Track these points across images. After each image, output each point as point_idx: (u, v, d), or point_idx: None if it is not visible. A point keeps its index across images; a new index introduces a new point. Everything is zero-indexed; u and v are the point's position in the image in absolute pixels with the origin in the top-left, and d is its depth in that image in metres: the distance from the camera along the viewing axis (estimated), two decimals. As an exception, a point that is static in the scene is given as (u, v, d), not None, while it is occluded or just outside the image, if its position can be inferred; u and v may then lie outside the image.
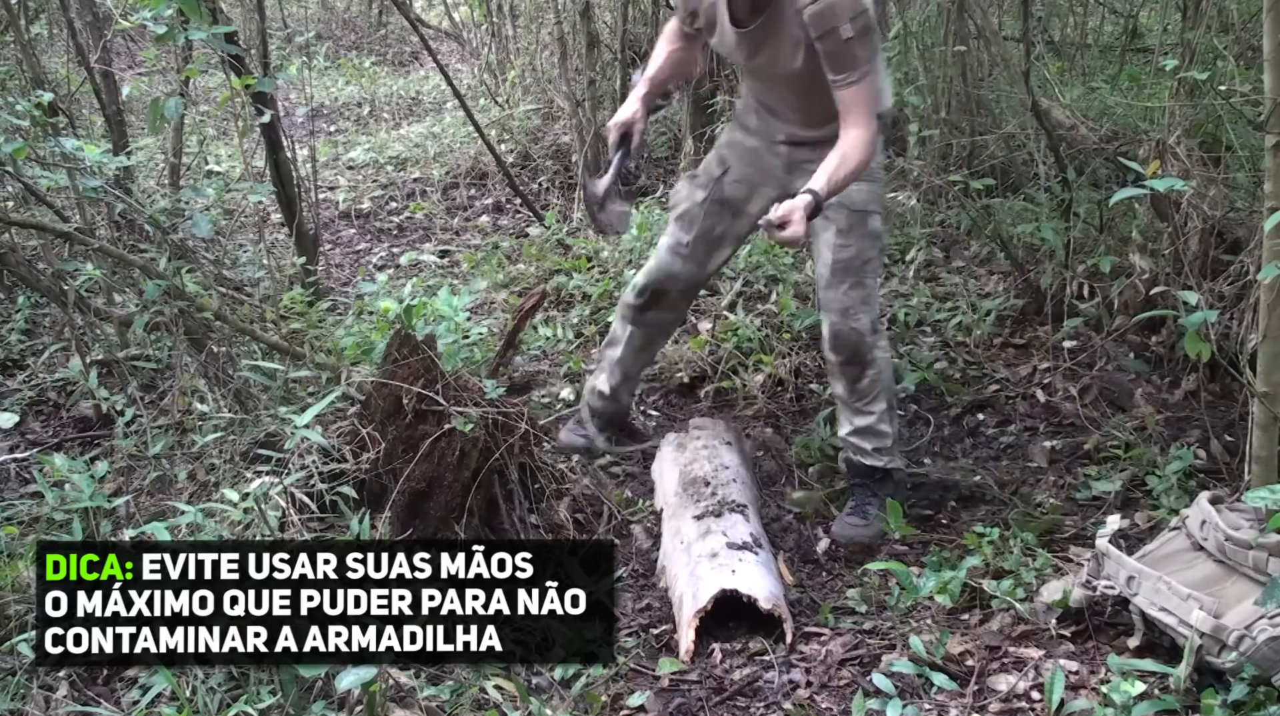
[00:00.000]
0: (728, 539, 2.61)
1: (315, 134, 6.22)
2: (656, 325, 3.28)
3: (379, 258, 5.27)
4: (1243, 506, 2.31)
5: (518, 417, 2.80)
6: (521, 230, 5.41)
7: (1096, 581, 2.36)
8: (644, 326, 3.25)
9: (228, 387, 3.09)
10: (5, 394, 3.69)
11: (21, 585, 2.42)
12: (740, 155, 3.06)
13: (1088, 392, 3.41)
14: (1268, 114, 2.29)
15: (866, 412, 2.94)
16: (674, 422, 3.46)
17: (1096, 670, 2.27)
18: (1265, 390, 2.37)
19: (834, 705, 2.26)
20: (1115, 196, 2.30)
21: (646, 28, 6.15)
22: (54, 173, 3.21)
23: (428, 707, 2.22)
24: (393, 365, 2.79)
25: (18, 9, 4.11)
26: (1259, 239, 2.51)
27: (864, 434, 2.95)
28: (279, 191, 4.24)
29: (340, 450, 2.79)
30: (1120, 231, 3.72)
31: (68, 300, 3.15)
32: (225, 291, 3.72)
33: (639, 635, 2.53)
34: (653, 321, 3.25)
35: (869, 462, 2.95)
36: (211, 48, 3.38)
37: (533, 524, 2.82)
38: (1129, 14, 5.32)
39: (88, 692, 2.30)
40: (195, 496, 2.81)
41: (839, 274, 2.88)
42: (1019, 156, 4.36)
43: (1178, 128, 3.37)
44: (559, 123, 6.26)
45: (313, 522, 2.63)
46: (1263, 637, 2.06)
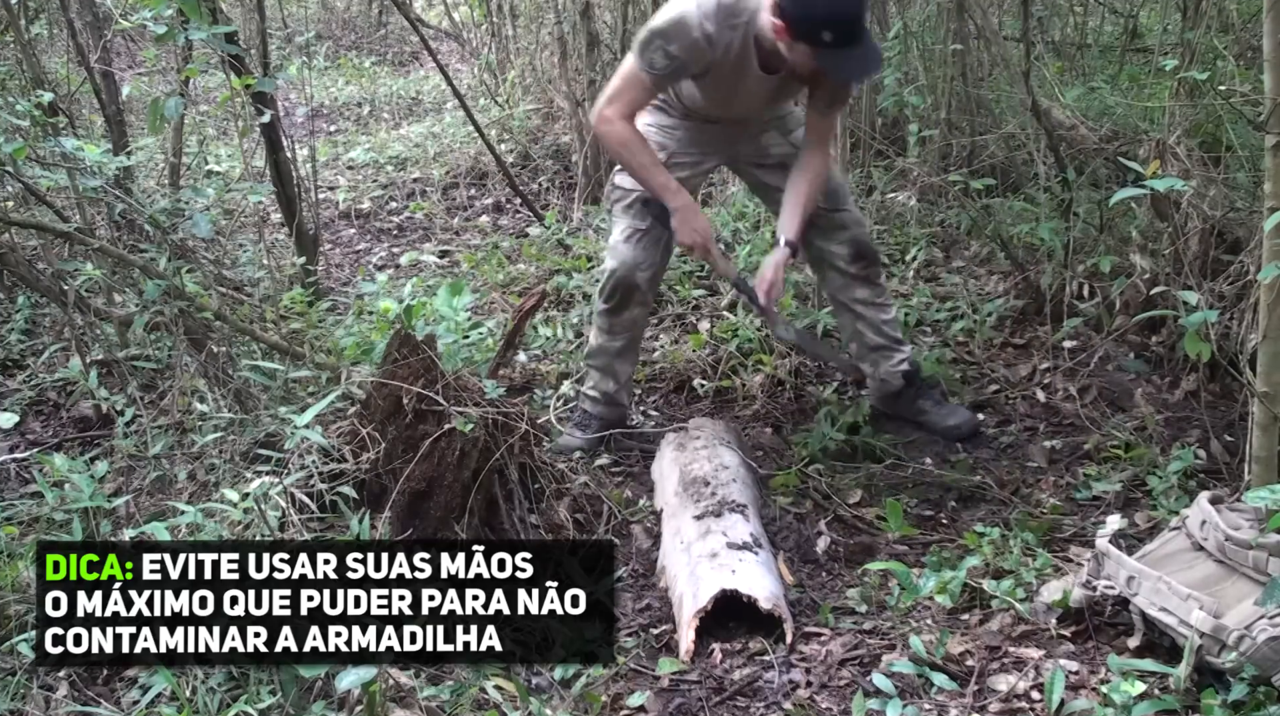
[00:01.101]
0: (728, 539, 2.61)
1: (315, 134, 6.22)
2: (632, 324, 3.30)
3: (379, 258, 5.28)
4: (1243, 506, 2.31)
5: (518, 417, 2.80)
6: (521, 230, 5.41)
7: (1096, 581, 2.36)
8: (621, 329, 3.28)
9: (228, 387, 3.09)
10: (5, 394, 3.69)
11: (21, 585, 2.42)
12: (680, 137, 3.16)
13: (1088, 392, 3.41)
14: (1268, 114, 2.29)
15: (888, 305, 3.30)
16: (674, 422, 3.45)
17: (1096, 670, 2.27)
18: (1265, 390, 2.37)
19: (834, 705, 2.26)
20: (1115, 196, 2.30)
21: (646, 28, 6.15)
22: (54, 173, 3.21)
23: (428, 707, 2.22)
24: (393, 365, 2.79)
25: (18, 9, 4.11)
26: (1259, 239, 2.51)
27: (896, 325, 3.30)
28: (279, 191, 4.25)
29: (340, 450, 2.79)
30: (1120, 231, 3.72)
31: (68, 300, 3.16)
32: (225, 291, 3.72)
33: (639, 635, 2.53)
34: (628, 321, 3.28)
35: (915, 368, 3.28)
36: (211, 48, 3.38)
37: (533, 524, 2.82)
38: (1129, 14, 5.32)
39: (88, 692, 2.30)
40: (195, 496, 2.81)
41: (845, 190, 3.25)
42: (1019, 156, 4.36)
43: (1178, 128, 3.37)
44: (559, 123, 6.26)
45: (313, 522, 2.63)
46: (1263, 637, 2.06)
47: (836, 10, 2.69)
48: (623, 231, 3.19)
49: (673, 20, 2.79)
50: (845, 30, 2.70)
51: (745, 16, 2.81)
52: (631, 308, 3.25)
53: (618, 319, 3.26)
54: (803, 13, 2.69)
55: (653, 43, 2.83)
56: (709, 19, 2.79)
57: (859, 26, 2.75)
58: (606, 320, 3.27)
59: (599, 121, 2.98)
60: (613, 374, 3.34)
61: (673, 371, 3.77)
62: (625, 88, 2.93)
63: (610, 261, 3.22)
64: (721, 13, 2.80)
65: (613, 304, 3.24)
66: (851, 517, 2.96)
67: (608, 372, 3.34)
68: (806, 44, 2.72)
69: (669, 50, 2.82)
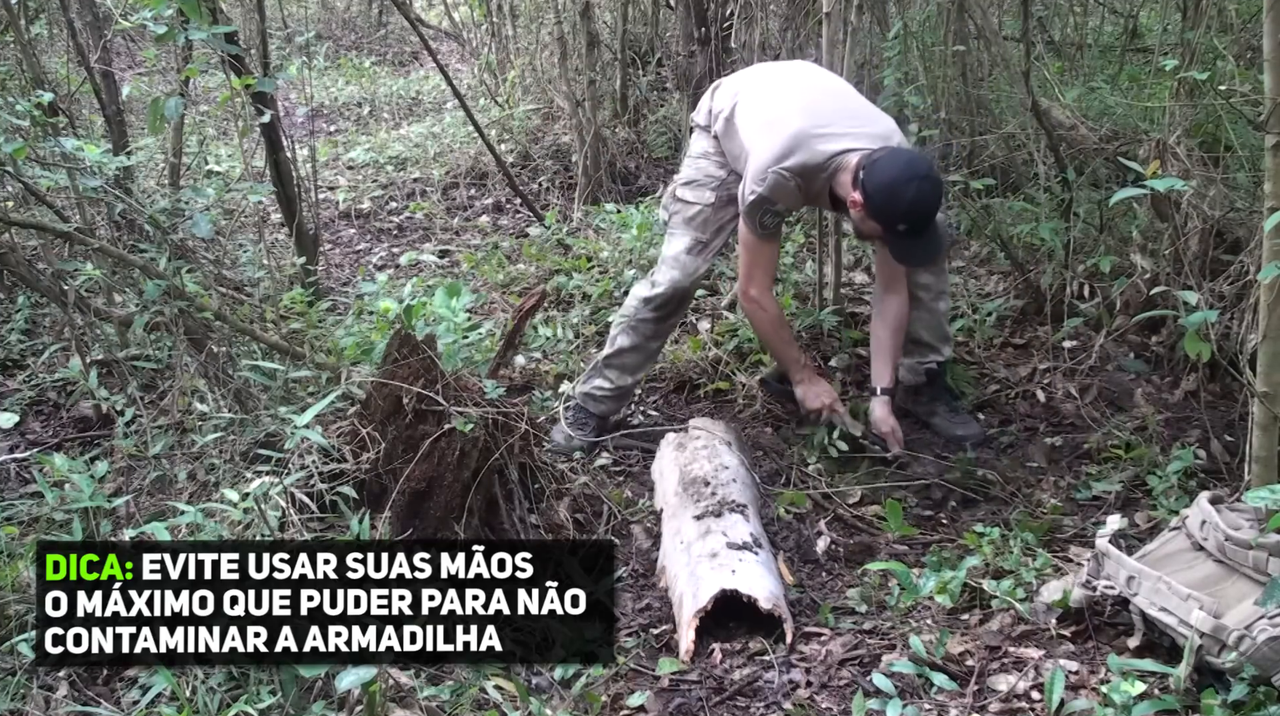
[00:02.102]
0: (728, 539, 2.61)
1: (315, 134, 6.22)
2: (673, 328, 3.54)
3: (379, 258, 5.28)
4: (1243, 506, 2.31)
5: (518, 417, 2.80)
6: (521, 230, 5.41)
7: (1096, 581, 2.36)
8: (662, 333, 3.45)
9: (228, 387, 3.09)
10: (5, 394, 3.69)
11: (21, 585, 2.42)
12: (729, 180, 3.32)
13: (1088, 392, 3.41)
14: (1268, 114, 2.29)
15: (945, 294, 3.40)
16: (674, 422, 3.46)
17: (1096, 670, 2.27)
18: (1265, 390, 2.37)
19: (834, 705, 2.26)
20: (1115, 196, 2.30)
21: (646, 28, 6.16)
22: (54, 173, 3.21)
23: (428, 707, 2.22)
24: (393, 365, 2.79)
25: (18, 9, 4.11)
26: (1259, 239, 2.51)
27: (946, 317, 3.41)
28: (279, 191, 4.25)
29: (340, 450, 2.79)
30: (1120, 231, 3.72)
31: (68, 300, 3.15)
32: (225, 291, 3.72)
33: (639, 635, 2.53)
34: (671, 326, 3.50)
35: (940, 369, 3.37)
36: (211, 48, 3.39)
37: (533, 524, 2.82)
38: (1129, 14, 5.32)
39: (88, 692, 2.30)
40: (195, 496, 2.81)
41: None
42: (1019, 156, 4.36)
43: (1178, 128, 3.37)
44: (559, 123, 6.26)
45: (313, 522, 2.63)
46: (1263, 637, 2.06)
47: (918, 209, 2.88)
48: (686, 245, 3.32)
49: (772, 186, 3.03)
50: (920, 224, 2.90)
51: (826, 173, 3.04)
52: (678, 313, 3.46)
53: (663, 325, 3.42)
54: (887, 204, 2.88)
55: (759, 210, 3.08)
56: (801, 177, 3.03)
57: (932, 222, 2.93)
58: (653, 327, 3.39)
59: (746, 302, 3.27)
60: (635, 373, 3.45)
61: (673, 371, 3.77)
62: (754, 261, 3.19)
63: (672, 272, 3.32)
64: (807, 170, 3.03)
65: (665, 312, 3.37)
66: (851, 517, 2.96)
67: (630, 372, 3.43)
68: (880, 225, 2.92)
69: (775, 210, 3.09)
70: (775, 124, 3.08)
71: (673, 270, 3.32)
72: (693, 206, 3.31)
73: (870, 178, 2.89)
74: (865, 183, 2.90)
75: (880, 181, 2.87)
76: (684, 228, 3.32)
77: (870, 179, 2.89)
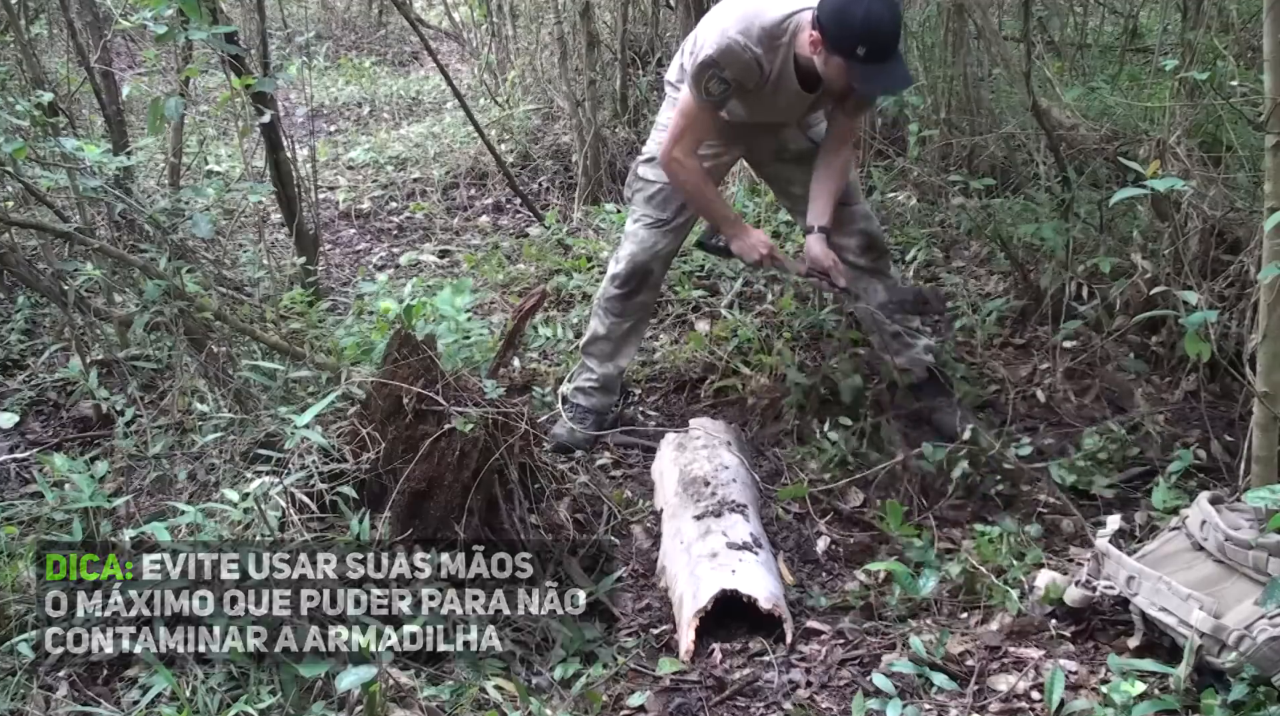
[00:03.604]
0: (728, 539, 2.61)
1: (315, 134, 6.21)
2: (642, 309, 3.45)
3: (379, 258, 5.27)
4: (1243, 506, 2.31)
5: (518, 417, 2.80)
6: (521, 230, 5.41)
7: (1096, 581, 2.36)
8: (630, 313, 3.41)
9: (228, 387, 3.09)
10: (5, 394, 3.69)
11: (21, 585, 2.42)
12: None
13: (1088, 392, 3.41)
14: (1268, 114, 2.29)
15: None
16: (674, 422, 3.45)
17: (1096, 670, 2.27)
18: (1265, 390, 2.37)
19: (834, 705, 2.26)
20: (1115, 196, 2.30)
21: (646, 28, 6.15)
22: (54, 173, 3.21)
23: (428, 707, 2.22)
24: (393, 365, 2.79)
25: (18, 9, 4.11)
26: (1259, 239, 2.51)
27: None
28: (279, 191, 4.24)
29: (340, 450, 2.79)
30: (1120, 231, 3.72)
31: (68, 300, 3.15)
32: (225, 291, 3.72)
33: (639, 635, 2.53)
34: (638, 305, 3.42)
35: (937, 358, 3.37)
36: (211, 48, 3.38)
37: (533, 524, 2.82)
38: (1129, 14, 5.32)
39: (88, 692, 2.29)
40: (195, 496, 2.81)
41: (856, 186, 3.30)
42: (1019, 156, 4.36)
43: (1178, 128, 3.37)
44: (559, 123, 6.26)
45: (313, 522, 2.63)
46: (1263, 637, 2.06)
47: (873, 26, 2.76)
48: (641, 219, 3.32)
49: (722, 48, 2.88)
50: (879, 46, 2.78)
51: (786, 37, 2.91)
52: (644, 292, 3.39)
53: (629, 303, 3.38)
54: (840, 27, 2.77)
55: (706, 72, 2.92)
56: (755, 42, 2.89)
57: (893, 43, 2.83)
58: (619, 304, 3.38)
59: (668, 163, 3.10)
60: (614, 359, 3.43)
61: (673, 371, 3.77)
62: (687, 125, 3.04)
63: (629, 246, 3.33)
64: (765, 35, 2.89)
65: (628, 288, 3.35)
66: (851, 517, 2.96)
67: (608, 358, 3.43)
68: (840, 57, 2.80)
69: (723, 76, 2.92)
70: (723, 13, 3.00)
71: (630, 244, 3.32)
72: (653, 184, 3.29)
73: (822, 8, 2.81)
74: (819, 15, 2.81)
75: (831, 7, 2.79)
76: (644, 206, 3.32)
77: (823, 9, 2.81)
